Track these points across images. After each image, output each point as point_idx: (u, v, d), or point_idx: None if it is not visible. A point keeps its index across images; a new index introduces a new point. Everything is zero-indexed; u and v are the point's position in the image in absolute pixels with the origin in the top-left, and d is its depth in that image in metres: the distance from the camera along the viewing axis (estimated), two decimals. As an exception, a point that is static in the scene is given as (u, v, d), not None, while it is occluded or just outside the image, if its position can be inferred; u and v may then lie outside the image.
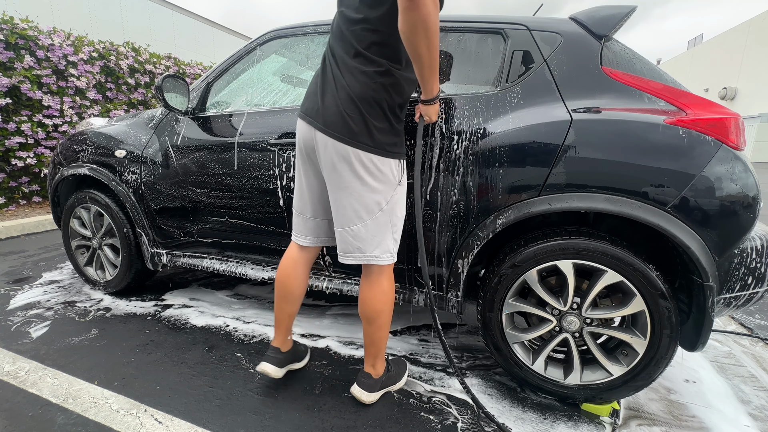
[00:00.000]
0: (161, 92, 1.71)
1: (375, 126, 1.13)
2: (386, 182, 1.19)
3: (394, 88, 1.14)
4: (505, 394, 1.47)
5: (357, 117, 1.12)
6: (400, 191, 1.26)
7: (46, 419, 1.27)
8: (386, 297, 1.30)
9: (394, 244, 1.29)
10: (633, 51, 1.40)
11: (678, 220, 1.18)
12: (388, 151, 1.17)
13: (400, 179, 1.24)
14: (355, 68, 1.11)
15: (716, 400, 1.47)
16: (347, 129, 1.12)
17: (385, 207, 1.22)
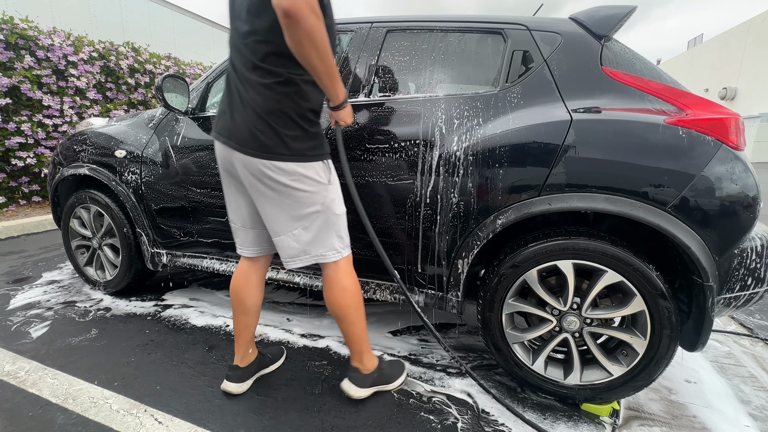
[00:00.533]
0: (161, 92, 1.71)
1: (288, 135, 1.11)
2: (315, 185, 1.18)
3: (299, 96, 1.12)
4: (505, 394, 1.46)
5: (268, 131, 1.10)
6: (332, 190, 1.25)
7: (46, 419, 1.27)
8: (348, 293, 1.30)
9: (339, 240, 1.29)
10: (633, 51, 1.40)
11: (678, 220, 1.18)
12: (308, 156, 1.16)
13: (329, 179, 1.23)
14: (255, 82, 1.09)
15: (716, 400, 1.47)
16: (261, 144, 1.10)
17: (321, 208, 1.21)
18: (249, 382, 1.45)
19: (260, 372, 1.52)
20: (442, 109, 1.46)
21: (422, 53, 1.60)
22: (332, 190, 1.25)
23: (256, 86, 1.10)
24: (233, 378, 1.41)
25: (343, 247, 1.31)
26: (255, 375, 1.49)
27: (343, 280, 1.30)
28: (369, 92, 1.60)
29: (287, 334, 1.87)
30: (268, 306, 2.18)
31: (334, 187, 1.26)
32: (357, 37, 1.69)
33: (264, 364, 1.54)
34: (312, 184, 1.18)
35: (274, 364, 1.59)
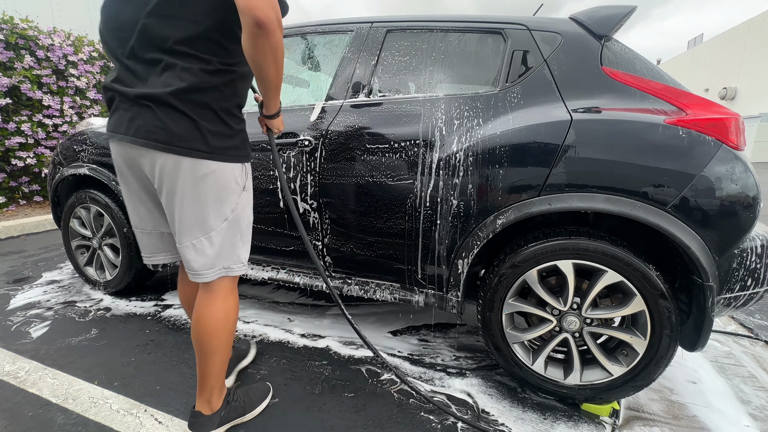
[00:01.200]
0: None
1: (209, 130, 0.99)
2: (230, 189, 1.07)
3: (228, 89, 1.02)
4: (505, 394, 1.47)
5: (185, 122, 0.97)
6: (245, 197, 1.13)
7: (46, 419, 1.27)
8: (225, 315, 1.13)
9: (245, 252, 1.17)
10: (633, 51, 1.40)
11: (678, 220, 1.18)
12: (229, 156, 1.05)
13: (244, 185, 1.12)
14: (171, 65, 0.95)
15: (716, 400, 1.47)
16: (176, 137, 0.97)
17: (231, 216, 1.09)
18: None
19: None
20: (442, 109, 1.46)
21: (422, 53, 1.60)
22: (245, 197, 1.13)
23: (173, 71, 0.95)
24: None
25: (246, 257, 1.18)
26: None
27: (224, 301, 1.13)
28: (369, 92, 1.61)
29: (287, 334, 1.87)
30: (268, 306, 2.18)
31: (247, 194, 1.15)
32: (357, 37, 1.69)
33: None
34: (227, 186, 1.06)
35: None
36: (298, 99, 2.19)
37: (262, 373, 1.55)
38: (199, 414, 1.17)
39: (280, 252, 1.79)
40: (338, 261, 1.68)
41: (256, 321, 1.99)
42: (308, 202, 1.62)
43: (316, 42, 1.85)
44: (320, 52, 1.86)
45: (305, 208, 1.64)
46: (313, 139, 1.59)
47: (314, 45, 1.86)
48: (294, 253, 1.75)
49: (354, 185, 1.53)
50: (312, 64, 1.99)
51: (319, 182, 1.59)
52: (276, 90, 1.06)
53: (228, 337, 1.15)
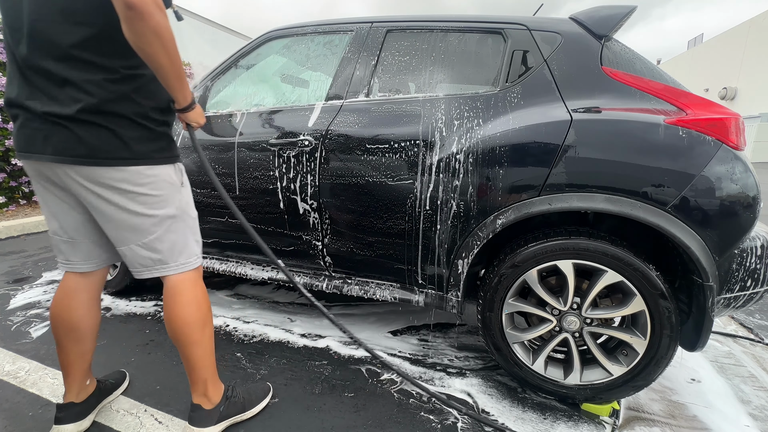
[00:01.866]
0: (161, 92, 1.70)
1: (129, 137, 0.97)
2: (167, 188, 1.06)
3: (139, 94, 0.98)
4: (505, 394, 1.47)
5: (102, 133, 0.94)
6: (185, 192, 1.14)
7: (46, 419, 1.27)
8: (198, 307, 1.13)
9: (197, 245, 1.18)
10: (633, 51, 1.40)
11: (678, 220, 1.18)
12: (156, 158, 1.03)
13: (181, 181, 1.12)
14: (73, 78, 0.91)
15: (716, 400, 1.47)
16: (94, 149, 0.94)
17: (178, 212, 1.09)
18: (91, 418, 1.24)
19: (103, 402, 1.31)
20: (442, 109, 1.46)
21: (422, 53, 1.60)
22: (185, 193, 1.14)
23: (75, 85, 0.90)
24: (68, 418, 1.17)
25: (200, 251, 1.19)
26: (96, 408, 1.27)
27: (191, 291, 1.13)
28: (369, 92, 1.61)
29: (287, 334, 1.87)
30: (268, 306, 2.18)
31: (186, 190, 1.15)
32: (357, 37, 1.69)
33: (106, 392, 1.33)
34: (164, 187, 1.05)
35: (117, 389, 1.39)
36: (298, 99, 2.19)
37: (262, 372, 1.55)
38: (199, 407, 1.17)
39: (280, 252, 1.79)
40: (338, 261, 1.68)
41: (256, 321, 1.99)
42: (308, 202, 1.62)
43: (317, 42, 1.85)
44: (320, 52, 1.86)
45: (305, 209, 1.64)
46: (313, 140, 1.59)
47: (315, 45, 1.86)
48: (294, 253, 1.75)
49: (354, 185, 1.53)
50: (312, 64, 1.99)
51: (319, 182, 1.59)
52: (176, 79, 0.97)
53: (204, 326, 1.14)
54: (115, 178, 0.97)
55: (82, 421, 1.21)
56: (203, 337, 1.14)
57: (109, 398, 1.36)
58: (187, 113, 1.10)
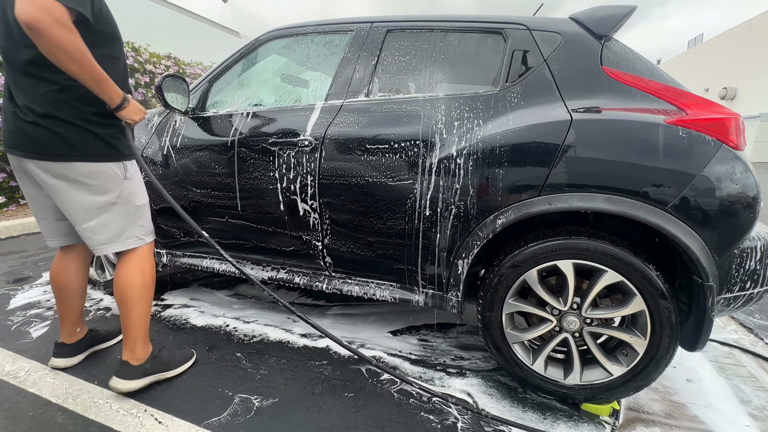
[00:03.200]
0: (161, 92, 1.71)
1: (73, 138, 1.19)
2: (108, 180, 1.28)
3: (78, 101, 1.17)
4: (505, 394, 1.47)
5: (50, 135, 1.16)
6: (129, 184, 1.34)
7: (46, 419, 1.27)
8: (141, 274, 1.37)
9: (140, 228, 1.40)
10: (633, 51, 1.40)
11: (678, 220, 1.18)
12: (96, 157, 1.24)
13: (125, 175, 1.32)
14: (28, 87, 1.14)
15: (716, 400, 1.47)
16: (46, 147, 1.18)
17: (119, 200, 1.32)
18: (80, 357, 1.58)
19: (93, 348, 1.64)
20: (442, 109, 1.46)
21: (422, 53, 1.60)
22: (129, 184, 1.34)
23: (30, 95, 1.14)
24: (61, 354, 1.54)
25: (145, 234, 1.42)
26: (87, 350, 1.61)
27: (132, 268, 1.37)
28: (369, 92, 1.61)
29: (287, 333, 1.87)
30: (268, 306, 2.18)
31: (131, 182, 1.35)
32: (357, 37, 1.69)
33: (97, 340, 1.66)
34: (105, 179, 1.27)
35: (108, 341, 1.70)
36: (298, 99, 2.19)
37: (262, 372, 1.55)
38: (127, 363, 1.39)
39: (280, 252, 1.79)
40: (338, 261, 1.68)
41: (256, 321, 1.99)
42: (308, 202, 1.62)
43: (317, 42, 1.85)
44: (320, 52, 1.86)
45: (305, 209, 1.64)
46: (313, 140, 1.59)
47: (315, 45, 1.86)
48: (294, 253, 1.75)
49: (354, 185, 1.53)
50: (312, 64, 1.99)
51: (319, 182, 1.59)
52: (94, 83, 1.12)
53: (143, 291, 1.38)
54: (63, 170, 1.21)
55: (71, 358, 1.55)
56: (141, 300, 1.38)
57: (101, 346, 1.67)
58: (120, 112, 1.25)
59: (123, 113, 1.26)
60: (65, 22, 0.99)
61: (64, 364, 1.53)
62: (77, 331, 1.57)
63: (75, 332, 1.56)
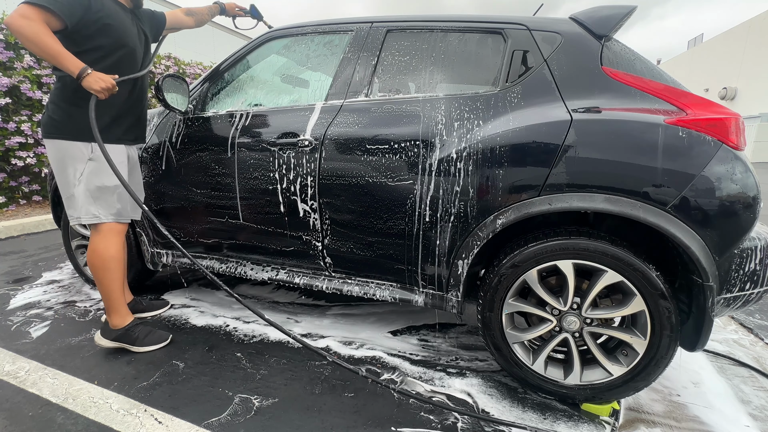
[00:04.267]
0: (161, 92, 1.71)
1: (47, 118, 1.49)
2: (73, 158, 1.50)
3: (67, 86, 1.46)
4: (505, 394, 1.47)
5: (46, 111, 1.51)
6: (92, 165, 1.52)
7: (46, 419, 1.27)
8: (95, 255, 1.57)
9: (98, 207, 1.55)
10: (633, 51, 1.40)
11: (678, 220, 1.18)
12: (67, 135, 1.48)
13: (90, 156, 1.52)
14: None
15: (717, 400, 1.47)
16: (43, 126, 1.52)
17: (80, 177, 1.51)
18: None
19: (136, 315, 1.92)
20: (442, 109, 1.46)
21: (422, 53, 1.60)
22: (92, 165, 1.52)
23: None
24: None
25: (104, 215, 1.57)
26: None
27: (94, 242, 1.58)
28: (369, 92, 1.60)
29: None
30: (268, 306, 2.18)
31: (95, 163, 1.53)
32: (357, 37, 1.69)
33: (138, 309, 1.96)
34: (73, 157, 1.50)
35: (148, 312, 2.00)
36: (298, 99, 2.19)
37: (262, 372, 1.55)
38: (106, 323, 1.67)
39: (280, 252, 1.79)
40: (338, 261, 1.68)
41: (256, 321, 1.99)
42: (308, 202, 1.62)
43: (317, 42, 1.85)
44: (320, 52, 1.86)
45: (305, 209, 1.64)
46: (313, 140, 1.59)
47: (315, 45, 1.86)
48: (294, 253, 1.75)
49: (354, 186, 1.53)
50: (312, 65, 1.99)
51: (319, 183, 1.59)
52: (54, 59, 1.36)
53: (99, 271, 1.59)
54: (48, 146, 1.53)
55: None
56: (101, 279, 1.60)
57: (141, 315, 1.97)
58: (81, 81, 1.40)
59: (84, 83, 1.41)
60: (27, 14, 1.30)
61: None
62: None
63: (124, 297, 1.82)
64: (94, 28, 1.44)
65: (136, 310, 1.95)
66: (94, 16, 1.43)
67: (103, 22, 1.46)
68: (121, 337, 1.64)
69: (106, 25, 1.47)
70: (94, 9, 1.43)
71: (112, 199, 1.58)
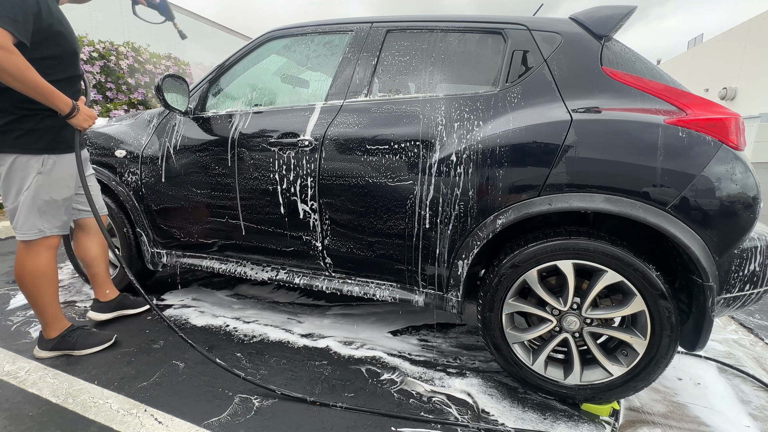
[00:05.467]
0: (161, 92, 1.71)
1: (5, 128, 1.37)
2: (19, 171, 1.41)
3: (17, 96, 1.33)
4: (505, 394, 1.47)
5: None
6: (41, 178, 1.45)
7: (46, 419, 1.27)
8: (23, 271, 1.51)
9: (44, 222, 1.49)
10: (633, 51, 1.40)
11: (678, 220, 1.18)
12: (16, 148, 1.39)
13: (39, 170, 1.44)
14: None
15: (717, 400, 1.47)
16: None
17: (25, 191, 1.44)
18: (109, 315, 1.92)
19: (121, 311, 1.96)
20: (442, 109, 1.46)
21: (422, 53, 1.60)
22: (43, 179, 1.45)
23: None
24: (94, 308, 1.91)
25: (49, 228, 1.51)
26: (115, 311, 1.94)
27: (22, 257, 1.50)
28: (368, 92, 1.61)
29: (287, 334, 1.87)
30: (268, 306, 2.18)
31: (45, 177, 1.45)
32: (357, 38, 1.69)
33: (124, 306, 1.97)
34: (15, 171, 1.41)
35: (135, 308, 2.00)
36: (298, 99, 2.19)
37: (262, 372, 1.55)
38: (41, 334, 1.63)
39: (279, 252, 1.79)
40: (338, 261, 1.68)
41: (256, 321, 1.99)
42: (308, 203, 1.62)
43: (317, 42, 1.85)
44: (320, 52, 1.86)
45: (305, 209, 1.64)
46: (313, 140, 1.59)
47: (315, 45, 1.86)
48: (294, 253, 1.75)
49: (354, 186, 1.53)
50: (312, 65, 1.99)
51: (319, 183, 1.59)
52: (42, 97, 1.31)
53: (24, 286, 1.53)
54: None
55: (102, 314, 1.91)
56: (31, 296, 1.55)
57: (128, 311, 1.98)
58: (70, 120, 1.42)
59: (73, 121, 1.43)
60: (4, 45, 1.18)
61: (96, 317, 1.89)
62: (107, 293, 1.90)
63: (105, 293, 1.89)
64: (44, 35, 1.34)
65: (121, 306, 1.95)
66: (44, 24, 1.34)
67: (54, 30, 1.38)
68: (59, 344, 1.62)
69: (56, 33, 1.39)
70: (44, 16, 1.33)
71: (59, 213, 1.54)
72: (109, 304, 1.91)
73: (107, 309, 1.91)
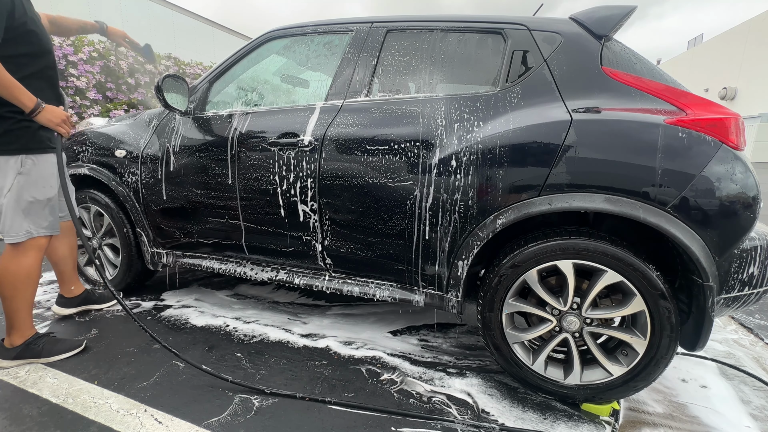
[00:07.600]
0: (161, 92, 1.71)
1: None
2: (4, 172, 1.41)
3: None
4: (505, 394, 1.47)
5: None
6: (22, 179, 1.44)
7: (46, 419, 1.27)
8: (6, 272, 1.48)
9: (30, 223, 1.48)
10: (633, 51, 1.40)
11: (678, 221, 1.18)
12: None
13: (20, 170, 1.43)
14: None
15: (717, 400, 1.47)
16: None
17: (8, 194, 1.43)
18: (73, 309, 1.97)
19: (86, 306, 2.00)
20: (442, 109, 1.46)
21: (422, 53, 1.60)
22: (23, 179, 1.44)
23: None
24: (59, 303, 1.96)
25: (36, 229, 1.50)
26: (80, 306, 1.99)
27: (7, 259, 1.49)
28: (368, 93, 1.61)
29: (287, 334, 1.87)
30: (268, 306, 2.18)
31: (26, 177, 1.45)
32: (357, 38, 1.69)
33: (90, 300, 2.01)
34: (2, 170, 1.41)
35: (101, 304, 2.04)
36: (298, 99, 2.19)
37: (262, 372, 1.55)
38: (2, 344, 1.57)
39: (280, 253, 1.79)
40: (338, 261, 1.68)
41: (256, 321, 1.99)
42: (308, 203, 1.62)
43: (317, 42, 1.85)
44: (320, 52, 1.86)
45: (305, 209, 1.64)
46: (313, 140, 1.59)
47: (315, 45, 1.86)
48: (294, 253, 1.75)
49: (354, 186, 1.53)
50: (312, 65, 1.99)
51: (319, 183, 1.59)
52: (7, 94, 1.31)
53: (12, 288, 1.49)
54: None
55: (66, 309, 1.96)
56: (8, 297, 1.51)
57: (93, 306, 2.03)
58: (36, 117, 1.41)
59: (39, 118, 1.41)
60: None
61: (60, 312, 1.95)
62: (72, 289, 1.94)
63: (70, 290, 1.94)
64: (15, 33, 1.35)
65: (87, 300, 2.00)
66: (16, 22, 1.34)
67: (27, 28, 1.38)
68: (23, 353, 1.55)
69: (30, 32, 1.40)
70: (17, 14, 1.34)
71: (44, 213, 1.52)
72: (74, 300, 1.95)
73: (71, 304, 1.96)
